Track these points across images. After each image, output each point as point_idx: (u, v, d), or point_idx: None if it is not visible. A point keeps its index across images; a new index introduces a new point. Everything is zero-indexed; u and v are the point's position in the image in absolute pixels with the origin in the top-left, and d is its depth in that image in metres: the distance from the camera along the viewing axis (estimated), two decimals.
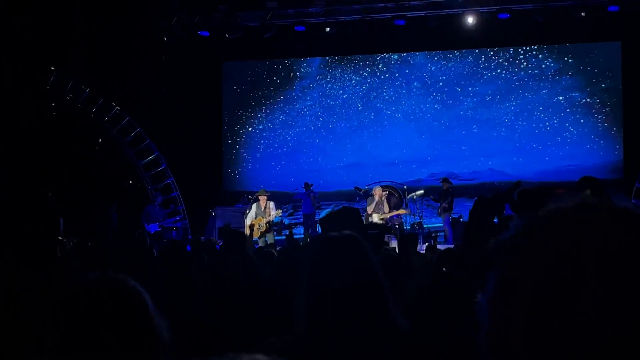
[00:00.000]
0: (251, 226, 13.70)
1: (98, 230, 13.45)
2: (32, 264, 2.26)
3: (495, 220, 2.19)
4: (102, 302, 1.54)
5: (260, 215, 13.78)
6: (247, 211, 14.22)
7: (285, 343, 2.10)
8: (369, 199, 14.31)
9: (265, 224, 13.70)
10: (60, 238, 2.45)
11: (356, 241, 2.18)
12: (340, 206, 15.38)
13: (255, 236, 13.60)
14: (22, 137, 14.09)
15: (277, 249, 9.25)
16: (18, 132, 14.02)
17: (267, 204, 13.86)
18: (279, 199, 14.77)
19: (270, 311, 3.80)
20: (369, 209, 13.86)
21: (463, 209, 15.02)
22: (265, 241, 13.38)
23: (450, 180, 15.10)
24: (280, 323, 3.03)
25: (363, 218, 9.17)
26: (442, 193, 14.69)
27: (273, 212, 13.83)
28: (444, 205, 14.46)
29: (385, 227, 12.29)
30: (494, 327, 0.81)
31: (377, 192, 14.19)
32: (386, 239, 10.75)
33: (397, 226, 13.95)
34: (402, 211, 14.19)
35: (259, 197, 13.97)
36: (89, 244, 9.37)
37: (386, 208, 13.98)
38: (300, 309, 2.11)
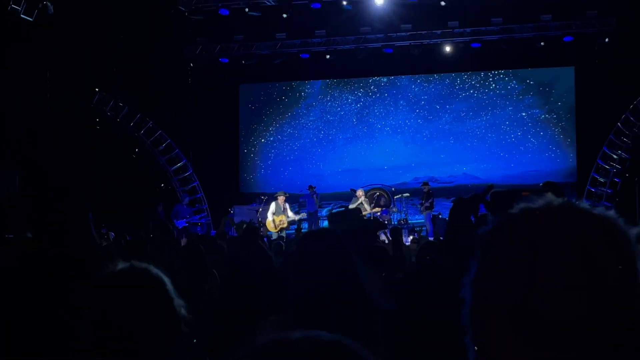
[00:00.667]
0: (273, 220, 13.66)
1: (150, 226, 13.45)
2: (71, 251, 2.23)
3: (472, 218, 2.18)
4: (128, 288, 1.53)
5: (280, 212, 13.73)
6: (261, 208, 14.17)
7: (282, 321, 2.11)
8: (353, 199, 14.21)
9: (287, 222, 13.65)
10: (94, 230, 2.43)
11: (334, 233, 2.20)
12: (339, 205, 15.43)
13: (274, 230, 13.55)
14: (70, 147, 14.10)
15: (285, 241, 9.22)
16: (67, 143, 14.03)
17: (285, 204, 13.83)
18: (287, 199, 14.73)
19: (278, 294, 3.79)
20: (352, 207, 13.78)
21: (442, 208, 15.00)
22: (279, 234, 13.36)
23: (429, 183, 15.15)
24: (284, 304, 3.02)
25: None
26: (424, 194, 14.70)
27: (290, 212, 13.79)
28: (426, 204, 14.47)
29: (379, 223, 12.21)
30: (478, 304, 0.84)
31: (360, 193, 14.10)
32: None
33: (386, 222, 13.89)
34: (377, 209, 14.00)
35: (278, 197, 13.93)
36: (128, 237, 9.38)
37: (368, 207, 13.87)
38: (292, 290, 2.12)
